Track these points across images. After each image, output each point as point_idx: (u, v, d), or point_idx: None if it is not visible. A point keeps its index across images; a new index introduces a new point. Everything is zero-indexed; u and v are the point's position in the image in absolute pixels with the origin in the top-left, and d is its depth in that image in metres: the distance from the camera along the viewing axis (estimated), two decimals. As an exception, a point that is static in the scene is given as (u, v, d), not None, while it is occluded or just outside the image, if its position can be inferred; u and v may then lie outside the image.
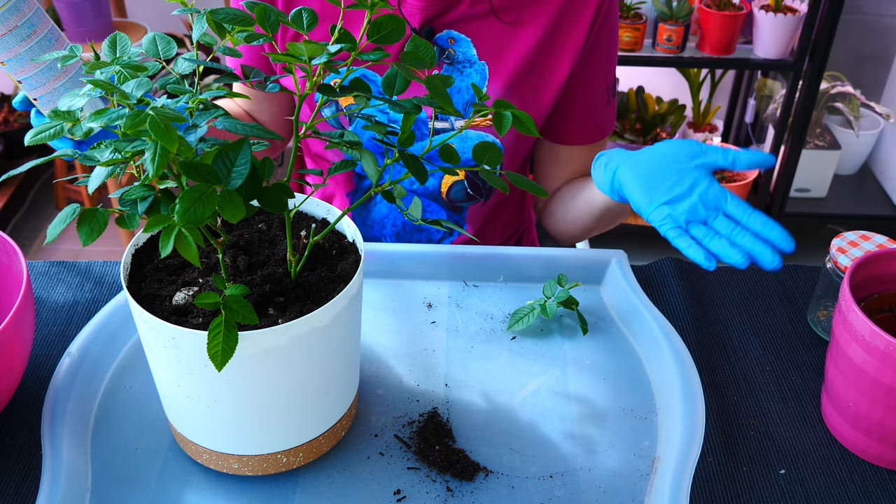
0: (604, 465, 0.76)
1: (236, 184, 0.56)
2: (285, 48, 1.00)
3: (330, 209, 0.77)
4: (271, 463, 0.72)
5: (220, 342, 0.58)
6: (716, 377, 0.85)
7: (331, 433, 0.75)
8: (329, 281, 0.70)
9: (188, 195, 0.53)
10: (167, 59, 0.65)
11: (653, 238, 2.58)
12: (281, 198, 0.61)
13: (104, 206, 0.59)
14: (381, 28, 0.61)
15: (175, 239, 0.55)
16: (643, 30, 2.18)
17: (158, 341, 0.64)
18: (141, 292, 0.68)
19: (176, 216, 0.53)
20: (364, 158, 0.64)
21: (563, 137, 1.10)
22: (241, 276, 0.69)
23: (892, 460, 0.76)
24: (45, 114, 0.82)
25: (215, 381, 0.65)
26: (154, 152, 0.53)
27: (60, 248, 2.50)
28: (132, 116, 0.53)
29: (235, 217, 0.55)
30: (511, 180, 0.68)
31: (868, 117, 2.48)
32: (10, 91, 2.69)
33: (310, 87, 0.62)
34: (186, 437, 0.73)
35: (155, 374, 0.71)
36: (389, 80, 0.64)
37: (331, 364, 0.70)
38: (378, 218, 1.12)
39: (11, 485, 0.73)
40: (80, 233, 0.56)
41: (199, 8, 0.64)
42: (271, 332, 0.62)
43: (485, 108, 0.64)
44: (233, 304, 0.59)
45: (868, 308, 0.80)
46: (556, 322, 0.92)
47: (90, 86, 0.57)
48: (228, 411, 0.68)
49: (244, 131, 0.59)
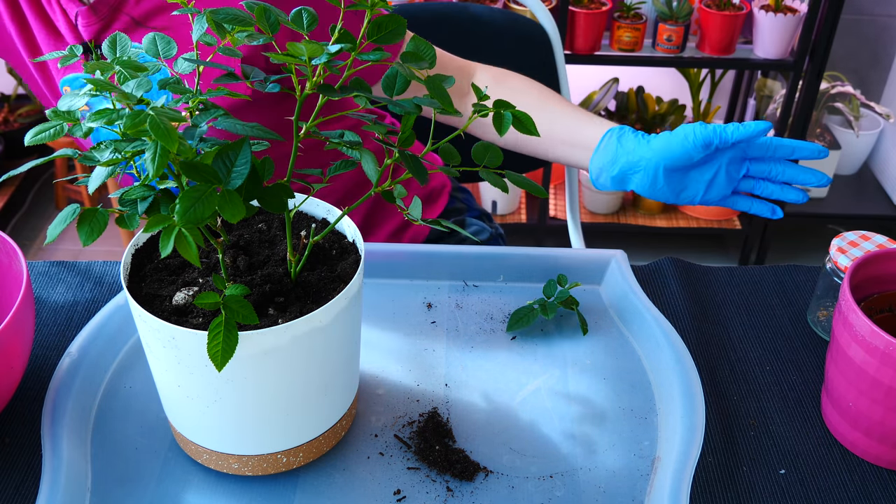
0: (604, 465, 0.76)
1: (236, 184, 0.56)
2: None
3: (330, 209, 0.77)
4: (271, 463, 0.72)
5: (220, 342, 0.58)
6: (716, 377, 0.85)
7: (331, 433, 0.75)
8: (329, 281, 0.70)
9: (188, 195, 0.53)
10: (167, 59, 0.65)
11: (653, 238, 2.58)
12: (281, 198, 0.61)
13: (104, 206, 0.59)
14: (382, 28, 0.61)
15: (175, 239, 0.55)
16: (643, 30, 2.18)
17: (158, 341, 0.64)
18: (141, 292, 0.68)
19: (176, 216, 0.53)
20: (364, 158, 0.64)
21: None
22: (241, 276, 0.69)
23: (892, 460, 0.76)
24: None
25: (215, 381, 0.65)
26: (154, 152, 0.53)
27: (60, 248, 2.50)
28: (132, 116, 0.53)
29: (235, 217, 0.55)
30: (511, 180, 0.68)
31: (868, 117, 2.48)
32: (10, 91, 2.69)
33: (310, 88, 0.62)
34: (186, 437, 0.73)
35: (155, 374, 0.71)
36: (389, 80, 0.64)
37: (331, 364, 0.70)
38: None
39: (11, 485, 0.73)
40: (80, 233, 0.56)
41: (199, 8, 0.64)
42: (271, 332, 0.62)
43: (485, 108, 0.64)
44: (233, 304, 0.59)
45: (868, 308, 0.80)
46: (556, 322, 0.92)
47: (90, 86, 0.57)
48: (228, 411, 0.68)
49: (244, 131, 0.59)
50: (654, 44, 2.19)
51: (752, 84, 2.55)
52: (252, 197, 0.60)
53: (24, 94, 2.68)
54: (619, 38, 2.18)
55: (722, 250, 2.61)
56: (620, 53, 2.19)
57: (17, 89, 2.65)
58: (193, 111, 0.62)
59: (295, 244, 0.72)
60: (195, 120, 0.60)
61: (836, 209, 2.46)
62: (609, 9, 2.18)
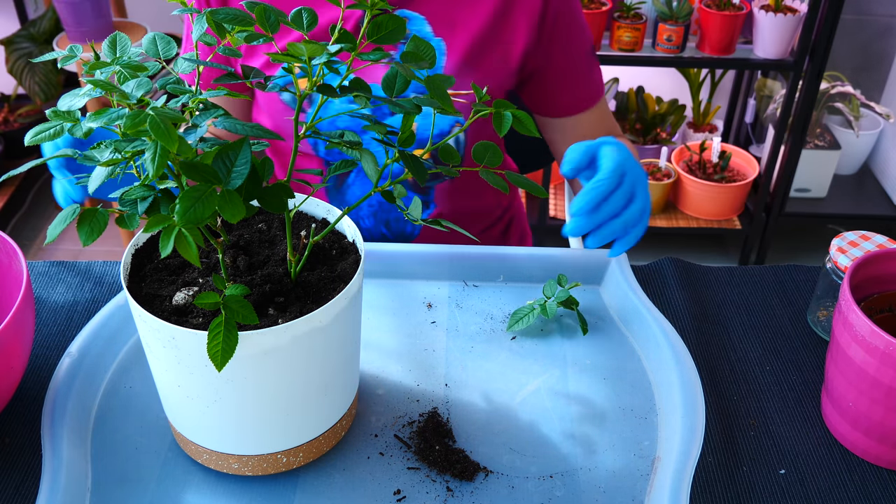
0: (604, 465, 0.76)
1: (236, 184, 0.56)
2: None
3: (330, 209, 0.77)
4: (271, 463, 0.72)
5: (220, 342, 0.58)
6: (716, 377, 0.85)
7: (331, 433, 0.75)
8: (329, 281, 0.70)
9: (188, 195, 0.53)
10: (167, 60, 0.65)
11: (653, 238, 2.58)
12: (281, 198, 0.61)
13: (104, 206, 0.59)
14: (381, 28, 0.61)
15: (175, 239, 0.55)
16: (643, 30, 2.18)
17: (158, 341, 0.64)
18: (141, 292, 0.68)
19: (176, 216, 0.53)
20: (364, 158, 0.64)
21: (558, 110, 1.11)
22: (241, 276, 0.69)
23: (892, 460, 0.76)
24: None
25: (215, 381, 0.65)
26: (154, 152, 0.53)
27: (60, 248, 2.50)
28: (132, 116, 0.53)
29: (235, 217, 0.55)
30: (511, 180, 0.68)
31: (868, 117, 2.48)
32: (9, 91, 2.69)
33: (309, 87, 0.62)
34: (186, 437, 0.73)
35: (155, 374, 0.71)
36: (389, 80, 0.64)
37: (331, 364, 0.70)
38: (353, 200, 1.11)
39: (11, 485, 0.73)
40: (80, 233, 0.56)
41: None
42: (271, 332, 0.62)
43: (484, 109, 0.64)
44: (233, 304, 0.59)
45: (868, 308, 0.80)
46: (556, 322, 0.92)
47: (90, 85, 0.57)
48: (228, 411, 0.68)
49: (244, 131, 0.59)
50: (654, 44, 2.19)
51: (752, 84, 2.54)
52: (252, 197, 0.60)
53: (24, 93, 2.68)
54: (619, 38, 2.18)
55: (722, 250, 2.61)
56: (620, 53, 2.19)
57: (17, 89, 2.65)
58: (193, 111, 0.62)
59: (295, 244, 0.72)
60: (195, 120, 0.60)
61: (836, 209, 2.46)
62: (609, 9, 2.18)
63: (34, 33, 2.40)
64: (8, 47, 2.37)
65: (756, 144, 2.58)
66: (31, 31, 2.39)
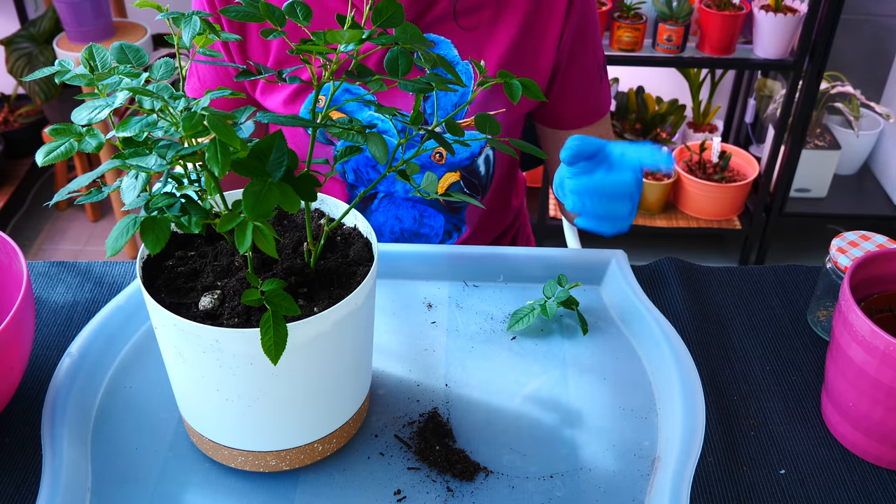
0: (604, 465, 0.76)
1: (278, 176, 0.56)
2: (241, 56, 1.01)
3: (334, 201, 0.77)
4: (308, 454, 0.73)
5: (272, 336, 0.59)
6: (716, 377, 0.85)
7: (357, 416, 0.76)
8: (346, 265, 0.71)
9: (251, 191, 0.54)
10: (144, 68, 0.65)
11: (653, 238, 2.58)
12: (311, 187, 0.61)
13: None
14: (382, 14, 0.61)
15: (252, 233, 0.55)
16: (643, 30, 2.18)
17: (198, 347, 0.64)
18: (164, 304, 0.67)
19: (245, 212, 0.54)
20: (370, 141, 0.64)
21: (564, 122, 1.11)
22: (260, 273, 0.69)
23: (892, 460, 0.76)
24: None
25: (259, 378, 0.66)
26: (214, 150, 0.53)
27: (60, 249, 2.50)
28: (188, 118, 0.53)
29: (295, 207, 0.56)
30: (515, 145, 0.69)
31: (868, 117, 2.48)
32: (9, 91, 2.69)
33: (327, 76, 0.62)
34: (219, 444, 0.72)
35: (183, 384, 0.71)
36: (392, 61, 0.64)
37: (360, 343, 0.72)
38: (375, 226, 1.12)
39: (11, 485, 0.73)
40: (145, 242, 0.55)
41: (170, 9, 0.64)
42: (316, 319, 0.64)
43: (489, 79, 0.65)
44: (275, 299, 0.60)
45: (868, 308, 0.80)
46: (556, 322, 0.92)
47: (121, 95, 0.57)
48: (269, 407, 0.68)
49: (284, 122, 0.60)
50: (654, 44, 2.19)
51: (752, 84, 2.55)
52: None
53: (24, 93, 2.68)
54: (619, 38, 2.18)
55: (722, 250, 2.61)
56: (620, 53, 2.19)
57: (17, 89, 2.65)
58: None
59: (295, 238, 0.72)
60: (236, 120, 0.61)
61: (836, 209, 2.46)
62: (609, 9, 2.18)
63: (34, 33, 2.39)
64: (8, 47, 2.37)
65: (756, 144, 2.58)
66: (31, 31, 2.39)
